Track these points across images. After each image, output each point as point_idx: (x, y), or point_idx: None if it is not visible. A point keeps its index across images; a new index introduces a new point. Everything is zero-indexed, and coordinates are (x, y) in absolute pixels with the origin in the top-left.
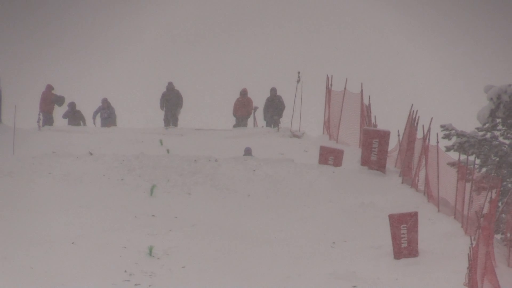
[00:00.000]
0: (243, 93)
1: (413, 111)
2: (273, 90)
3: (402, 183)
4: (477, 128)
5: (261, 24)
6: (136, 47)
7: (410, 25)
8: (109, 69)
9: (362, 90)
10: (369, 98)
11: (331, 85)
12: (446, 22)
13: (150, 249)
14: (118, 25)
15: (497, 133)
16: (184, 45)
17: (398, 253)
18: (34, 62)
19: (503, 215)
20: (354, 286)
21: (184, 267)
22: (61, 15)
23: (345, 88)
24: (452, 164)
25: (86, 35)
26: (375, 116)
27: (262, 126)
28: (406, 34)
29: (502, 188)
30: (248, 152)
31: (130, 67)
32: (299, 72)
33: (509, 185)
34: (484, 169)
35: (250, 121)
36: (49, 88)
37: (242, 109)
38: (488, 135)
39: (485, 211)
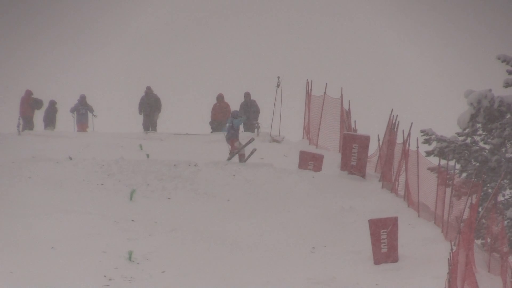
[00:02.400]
0: (220, 98)
1: (393, 116)
2: (247, 95)
3: (382, 188)
4: (457, 133)
5: (240, 28)
6: (113, 52)
7: (391, 31)
8: (87, 72)
9: (342, 95)
10: (349, 103)
11: (311, 89)
12: (426, 28)
13: (130, 254)
14: (96, 31)
15: (477, 138)
16: (162, 50)
17: (378, 258)
18: (12, 67)
19: (483, 221)
20: None
21: (163, 272)
22: (39, 15)
23: (325, 93)
24: (432, 169)
25: (64, 38)
26: (355, 121)
27: (242, 131)
28: (387, 39)
29: (482, 194)
30: (234, 115)
31: (107, 72)
32: (278, 77)
33: (490, 190)
34: (464, 174)
35: None
36: (28, 93)
37: (220, 114)
38: (469, 140)
39: (465, 216)
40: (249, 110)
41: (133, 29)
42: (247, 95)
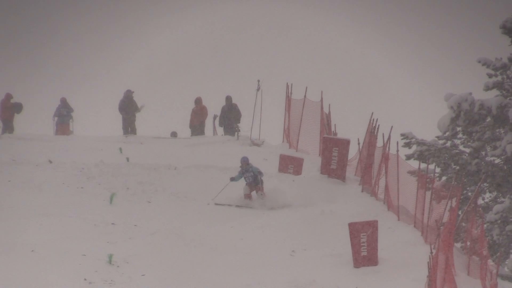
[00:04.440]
0: (197, 101)
1: (373, 120)
2: (228, 99)
3: (362, 191)
4: (437, 137)
5: (221, 31)
6: (93, 54)
7: (371, 35)
8: (65, 76)
9: (322, 98)
10: (329, 106)
11: (291, 93)
12: (407, 31)
13: (110, 257)
14: (75, 30)
15: (457, 141)
16: (143, 53)
17: (358, 262)
18: None
19: (463, 224)
20: None
21: (143, 275)
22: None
23: (305, 96)
24: (412, 173)
25: (39, 41)
26: (335, 124)
27: (222, 134)
28: (367, 43)
29: (462, 197)
30: (243, 161)
31: (88, 74)
32: (259, 80)
33: (469, 194)
34: (444, 178)
35: (210, 129)
36: (8, 96)
37: (197, 117)
38: (449, 143)
39: (445, 219)
40: (231, 113)
41: (113, 28)
42: (228, 98)
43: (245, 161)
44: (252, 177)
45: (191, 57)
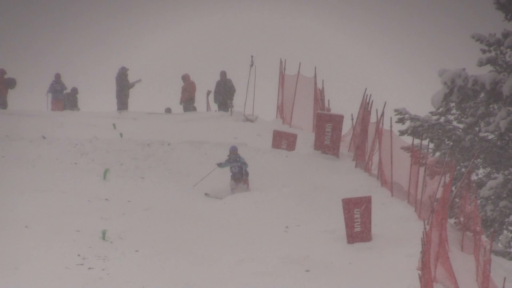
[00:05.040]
0: (184, 78)
1: (367, 95)
2: (223, 74)
3: (356, 167)
4: (431, 113)
5: (214, 6)
6: (89, 30)
7: (365, 10)
8: (62, 53)
9: (315, 74)
10: (323, 82)
11: (285, 69)
12: (400, 7)
13: (104, 233)
14: (68, 8)
15: (451, 117)
16: (135, 28)
17: (352, 238)
18: None
19: (457, 200)
20: (307, 271)
21: (137, 251)
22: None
23: (298, 72)
24: (406, 149)
25: (38, 16)
26: (328, 100)
27: (215, 110)
28: (361, 19)
29: (455, 173)
30: (232, 150)
31: (82, 50)
32: (252, 56)
33: (463, 170)
34: (437, 154)
35: (203, 104)
36: (2, 72)
37: (186, 94)
38: (442, 119)
39: (438, 195)
40: (224, 89)
41: (108, 7)
42: (223, 74)
43: (233, 151)
44: (238, 167)
45: (185, 32)
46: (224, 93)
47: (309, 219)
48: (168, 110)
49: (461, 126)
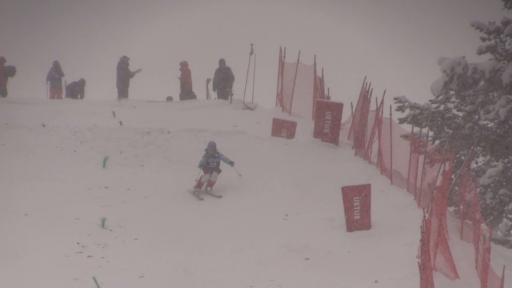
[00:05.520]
0: (182, 65)
1: (366, 83)
2: (222, 62)
3: (355, 155)
4: (430, 101)
5: None
6: (89, 18)
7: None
8: (62, 40)
9: (315, 62)
10: (322, 70)
11: (284, 57)
12: None
13: (103, 221)
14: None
15: (450, 105)
16: (135, 16)
17: (351, 226)
18: None
19: (456, 188)
20: (307, 258)
21: (136, 238)
22: None
23: (298, 60)
24: (405, 137)
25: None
26: (328, 88)
27: (215, 98)
28: (360, 7)
29: (455, 161)
30: (211, 146)
31: (82, 38)
32: (252, 44)
33: (462, 158)
34: (437, 142)
35: (203, 93)
36: (1, 60)
37: (183, 81)
38: (442, 107)
39: (438, 183)
40: (223, 77)
41: None
42: (221, 62)
43: (212, 147)
44: (216, 163)
45: (185, 21)
46: (223, 81)
47: (309, 207)
48: (170, 99)
49: (460, 114)
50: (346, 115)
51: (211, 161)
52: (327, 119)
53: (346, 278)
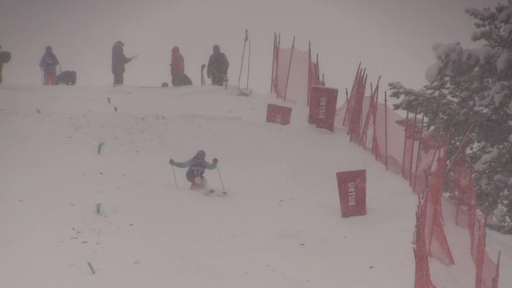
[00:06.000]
0: (173, 51)
1: (361, 69)
2: (216, 48)
3: (350, 141)
4: (425, 87)
5: None
6: (84, 3)
7: None
8: (56, 26)
9: (310, 48)
10: (317, 56)
11: (279, 43)
12: None
13: (98, 207)
14: None
15: (445, 91)
16: (128, 4)
17: (346, 211)
18: None
19: (451, 174)
20: (302, 244)
21: (131, 224)
22: None
23: (293, 46)
24: (400, 122)
25: None
26: (323, 74)
27: (210, 84)
28: None
29: (450, 147)
30: (200, 154)
31: (77, 24)
32: (246, 30)
33: (457, 144)
34: (432, 128)
35: (197, 79)
36: None
37: (174, 66)
38: (437, 93)
39: (433, 169)
40: (218, 63)
41: None
42: (216, 48)
43: (202, 156)
44: (201, 172)
45: (180, 6)
46: (218, 67)
47: (304, 193)
48: (165, 85)
49: (455, 100)
50: (341, 101)
51: (196, 169)
52: (322, 105)
53: (341, 263)
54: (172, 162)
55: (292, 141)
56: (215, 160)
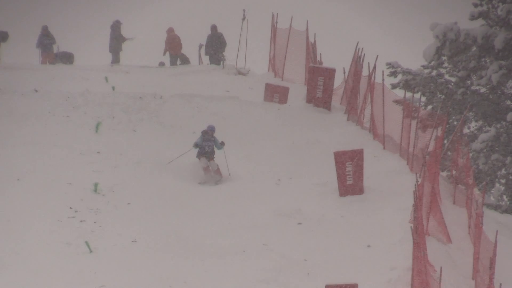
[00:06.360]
0: (169, 31)
1: (359, 49)
2: (213, 28)
3: (348, 120)
4: (423, 66)
5: None
6: None
7: None
8: (54, 5)
9: (307, 28)
10: (315, 35)
11: (277, 22)
12: None
13: (95, 186)
14: None
15: (443, 70)
16: None
17: (344, 191)
18: None
19: (449, 153)
20: (299, 223)
21: (129, 203)
22: None
23: (290, 26)
24: (398, 102)
25: None
26: (320, 53)
27: (207, 63)
28: None
29: (447, 126)
30: (210, 129)
31: (76, 4)
32: (244, 10)
33: (455, 123)
34: (429, 107)
35: (195, 58)
36: None
37: (168, 46)
38: (434, 72)
39: (430, 148)
40: (216, 42)
41: None
42: (213, 28)
43: (212, 130)
44: (211, 147)
45: None
46: (215, 47)
47: (301, 172)
48: (162, 64)
49: (453, 79)
50: (339, 80)
51: (207, 145)
52: (319, 84)
53: (339, 243)
54: (195, 145)
55: (290, 120)
56: (222, 143)
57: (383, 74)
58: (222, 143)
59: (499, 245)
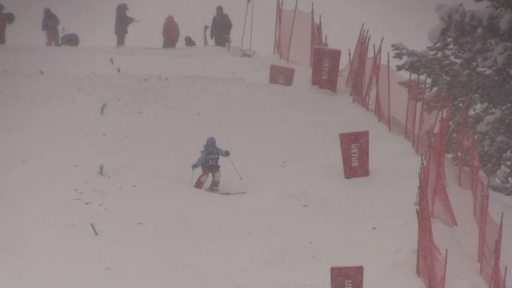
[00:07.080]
0: (168, 18)
1: (364, 30)
2: (219, 9)
3: (353, 102)
4: (428, 48)
5: None
6: None
7: None
8: None
9: (313, 9)
10: (320, 17)
11: (282, 4)
12: None
13: (101, 168)
14: None
15: (448, 52)
16: None
17: (349, 173)
18: None
19: (454, 135)
20: (305, 205)
21: (134, 185)
22: None
23: (296, 7)
24: (403, 84)
25: None
26: (325, 35)
27: (213, 45)
28: None
29: (453, 108)
30: (211, 142)
31: None
32: None
33: (460, 105)
34: (435, 89)
35: (200, 40)
36: (0, 7)
37: (167, 33)
38: (439, 54)
39: (436, 130)
40: (221, 24)
41: None
42: (219, 9)
43: (212, 143)
44: (215, 160)
45: None
46: (221, 29)
47: (307, 154)
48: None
49: (458, 61)
50: (344, 62)
51: (211, 158)
52: (324, 66)
53: (344, 225)
54: (194, 166)
55: (295, 102)
56: (227, 153)
57: (388, 56)
58: (227, 152)
59: (504, 227)
